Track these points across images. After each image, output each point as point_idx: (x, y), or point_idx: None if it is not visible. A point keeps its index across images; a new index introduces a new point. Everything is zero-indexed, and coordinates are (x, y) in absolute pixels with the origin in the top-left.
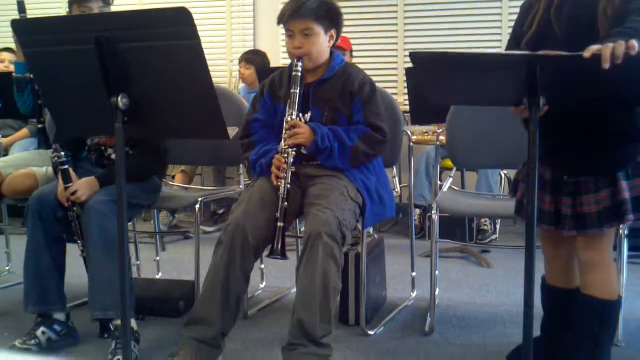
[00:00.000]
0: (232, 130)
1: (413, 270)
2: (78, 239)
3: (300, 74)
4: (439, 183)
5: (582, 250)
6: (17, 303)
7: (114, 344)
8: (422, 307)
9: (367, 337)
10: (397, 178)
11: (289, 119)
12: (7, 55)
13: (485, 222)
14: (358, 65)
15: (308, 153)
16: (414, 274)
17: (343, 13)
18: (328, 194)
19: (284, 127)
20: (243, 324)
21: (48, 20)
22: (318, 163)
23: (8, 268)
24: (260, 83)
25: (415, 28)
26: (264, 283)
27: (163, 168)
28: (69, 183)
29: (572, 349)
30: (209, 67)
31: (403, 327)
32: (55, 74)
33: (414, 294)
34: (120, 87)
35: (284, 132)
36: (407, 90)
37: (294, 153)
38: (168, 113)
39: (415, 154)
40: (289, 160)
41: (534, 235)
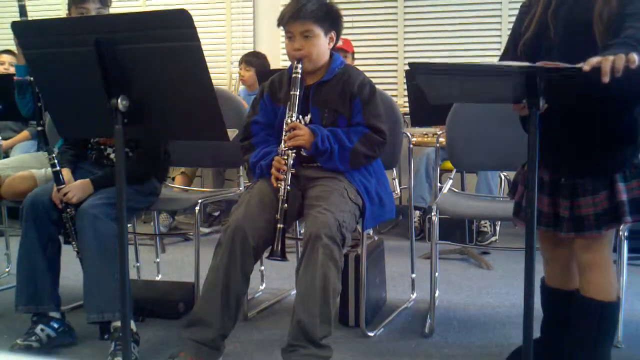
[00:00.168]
0: (232, 133)
1: (413, 272)
2: (73, 241)
3: (300, 76)
4: (439, 185)
5: (580, 252)
6: None
7: (114, 346)
8: (422, 308)
9: (367, 338)
10: (397, 180)
11: (289, 121)
12: (7, 58)
13: (485, 224)
14: (358, 67)
15: (308, 155)
16: (414, 276)
17: (343, 15)
18: (328, 196)
19: (284, 129)
20: (243, 326)
21: (48, 23)
22: (318, 165)
23: (8, 270)
24: (260, 85)
25: (416, 30)
26: (264, 285)
27: (163, 171)
28: (62, 184)
29: (571, 351)
30: (209, 69)
31: (403, 328)
32: (56, 76)
33: (414, 296)
34: (121, 89)
35: (284, 134)
36: (407, 92)
37: (294, 155)
38: (168, 115)
39: (415, 156)
40: (289, 162)
41: (534, 237)
